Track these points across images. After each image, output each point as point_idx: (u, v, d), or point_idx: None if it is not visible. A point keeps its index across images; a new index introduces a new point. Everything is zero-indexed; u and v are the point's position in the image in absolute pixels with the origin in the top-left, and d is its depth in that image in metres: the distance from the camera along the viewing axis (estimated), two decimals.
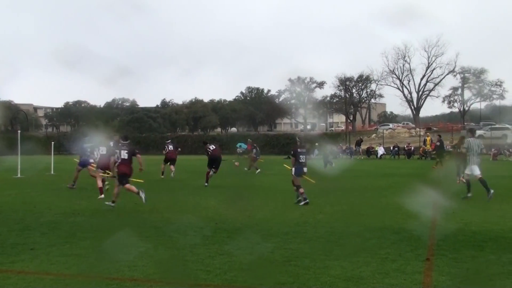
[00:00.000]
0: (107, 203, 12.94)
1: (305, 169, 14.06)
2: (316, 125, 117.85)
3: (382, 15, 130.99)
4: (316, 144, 41.94)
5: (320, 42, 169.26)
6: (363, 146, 53.68)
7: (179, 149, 27.46)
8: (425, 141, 43.93)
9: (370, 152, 51.01)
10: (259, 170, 27.12)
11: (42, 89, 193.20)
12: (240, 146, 47.49)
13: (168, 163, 24.12)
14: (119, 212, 12.19)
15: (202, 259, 7.36)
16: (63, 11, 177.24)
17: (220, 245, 8.28)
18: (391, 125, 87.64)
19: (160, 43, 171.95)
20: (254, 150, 29.66)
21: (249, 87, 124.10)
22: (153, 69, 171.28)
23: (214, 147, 20.18)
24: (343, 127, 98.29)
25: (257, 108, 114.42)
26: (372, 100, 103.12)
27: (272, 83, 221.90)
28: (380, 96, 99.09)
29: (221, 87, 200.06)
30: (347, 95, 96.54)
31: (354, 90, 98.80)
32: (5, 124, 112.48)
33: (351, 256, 7.45)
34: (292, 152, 14.33)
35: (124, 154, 13.17)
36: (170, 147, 24.48)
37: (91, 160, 17.74)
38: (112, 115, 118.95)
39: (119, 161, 13.13)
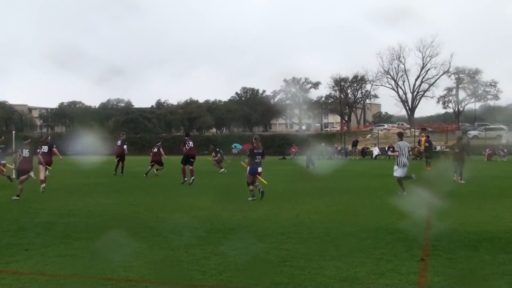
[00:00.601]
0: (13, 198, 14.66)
1: (259, 169, 14.82)
2: (311, 126, 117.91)
3: (377, 15, 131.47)
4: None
5: (315, 43, 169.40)
6: (358, 147, 53.76)
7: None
8: (419, 141, 44.03)
9: (365, 152, 51.10)
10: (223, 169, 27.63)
11: (37, 89, 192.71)
12: (235, 146, 47.53)
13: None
14: (114, 212, 12.18)
15: (197, 259, 7.36)
16: (57, 11, 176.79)
17: (215, 246, 8.28)
18: (386, 126, 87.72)
19: (155, 43, 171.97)
20: (219, 154, 29.76)
21: (244, 88, 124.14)
22: (147, 70, 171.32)
23: (192, 146, 21.08)
24: (338, 128, 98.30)
25: (252, 108, 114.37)
26: (367, 101, 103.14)
27: (267, 84, 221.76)
28: (375, 96, 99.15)
29: (216, 87, 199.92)
30: (342, 95, 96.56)
31: (349, 91, 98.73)
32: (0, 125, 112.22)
33: (346, 257, 7.46)
34: (248, 152, 15.11)
35: (26, 152, 15.55)
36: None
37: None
38: (107, 115, 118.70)
39: (21, 159, 15.41)
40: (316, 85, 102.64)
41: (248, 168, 14.78)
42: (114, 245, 8.30)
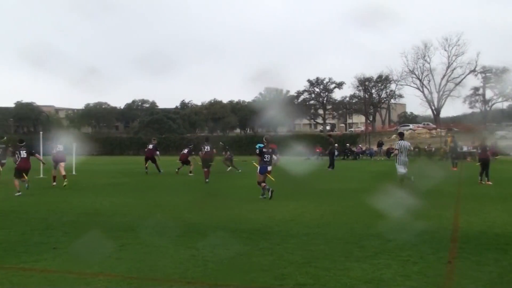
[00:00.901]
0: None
1: (269, 168, 15.29)
2: (335, 126, 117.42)
3: (398, 13, 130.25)
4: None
5: (339, 42, 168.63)
6: (384, 147, 53.38)
7: (214, 150, 25.56)
8: (446, 142, 43.57)
9: (390, 153, 50.71)
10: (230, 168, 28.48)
11: (64, 90, 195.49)
12: (259, 147, 47.49)
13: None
14: (139, 212, 12.27)
15: (222, 259, 7.38)
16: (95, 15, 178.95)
17: (240, 246, 8.28)
18: (411, 126, 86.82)
19: (179, 42, 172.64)
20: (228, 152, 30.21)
21: (267, 88, 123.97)
22: (172, 70, 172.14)
23: (208, 149, 22.55)
24: (363, 128, 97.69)
25: (275, 109, 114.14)
26: (392, 101, 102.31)
27: (291, 84, 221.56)
28: (400, 96, 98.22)
29: (240, 88, 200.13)
30: (366, 95, 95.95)
31: (373, 90, 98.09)
32: (27, 126, 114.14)
33: (371, 258, 7.41)
34: (257, 151, 15.65)
35: (24, 154, 16.83)
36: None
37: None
38: (132, 116, 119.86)
39: (19, 159, 16.74)
40: (340, 85, 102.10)
41: (259, 167, 15.31)
42: (140, 245, 8.36)
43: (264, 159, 15.31)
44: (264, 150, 15.47)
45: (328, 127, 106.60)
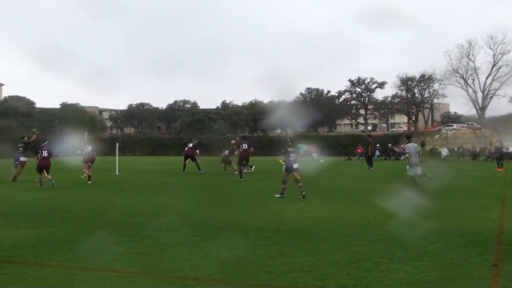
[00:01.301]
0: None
1: (295, 166, 15.37)
2: (377, 126, 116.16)
3: (444, 11, 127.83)
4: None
5: (382, 42, 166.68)
6: (426, 147, 52.53)
7: (252, 149, 25.98)
8: (491, 142, 42.61)
9: (433, 153, 49.88)
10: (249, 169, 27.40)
11: (107, 91, 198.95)
12: (300, 147, 47.69)
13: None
14: (180, 212, 12.39)
15: (263, 259, 7.39)
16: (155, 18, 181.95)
17: (281, 246, 8.28)
18: (455, 126, 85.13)
19: (219, 44, 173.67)
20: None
21: (308, 88, 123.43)
22: (214, 70, 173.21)
23: (246, 147, 23.40)
24: (405, 128, 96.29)
25: (317, 109, 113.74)
26: (435, 100, 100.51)
27: (332, 84, 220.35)
28: (443, 96, 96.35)
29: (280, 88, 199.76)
30: (408, 95, 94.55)
31: (416, 90, 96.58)
32: (72, 126, 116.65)
33: (414, 260, 7.30)
34: (283, 150, 15.93)
35: (45, 153, 19.80)
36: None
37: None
38: (173, 116, 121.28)
39: (40, 157, 19.63)
40: (382, 84, 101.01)
41: (284, 166, 15.51)
42: (182, 244, 8.44)
43: (290, 158, 15.46)
44: (289, 149, 15.69)
45: (369, 127, 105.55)
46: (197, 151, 28.46)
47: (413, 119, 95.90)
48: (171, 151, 69.77)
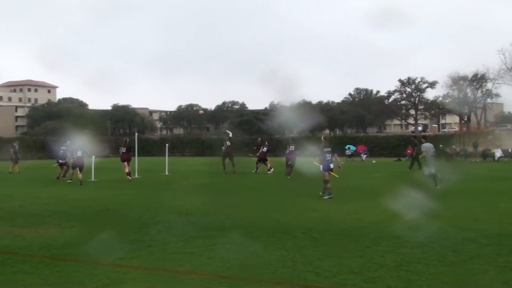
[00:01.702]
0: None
1: (331, 165, 15.56)
2: (427, 126, 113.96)
3: (500, 6, 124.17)
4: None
5: (432, 40, 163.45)
6: (479, 148, 51.20)
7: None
8: None
9: (486, 154, 48.58)
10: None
11: (157, 93, 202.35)
12: (349, 148, 47.49)
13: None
14: (228, 212, 12.46)
15: (311, 260, 7.36)
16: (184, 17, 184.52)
17: (329, 247, 8.24)
18: (508, 126, 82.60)
19: (267, 46, 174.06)
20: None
21: (357, 88, 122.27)
22: (261, 72, 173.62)
23: (292, 150, 24.27)
24: (457, 128, 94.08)
25: (366, 109, 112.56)
26: (488, 100, 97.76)
27: (382, 84, 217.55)
28: (497, 95, 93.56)
29: (329, 88, 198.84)
30: (460, 95, 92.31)
31: (468, 90, 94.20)
32: (123, 127, 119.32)
33: (466, 263, 7.14)
34: (319, 151, 15.95)
35: (80, 153, 21.22)
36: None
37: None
38: (222, 117, 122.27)
39: (76, 158, 21.17)
40: (432, 84, 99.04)
41: (321, 166, 15.55)
42: (230, 244, 8.51)
43: (326, 158, 15.56)
44: (324, 149, 15.73)
45: (420, 128, 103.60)
46: (264, 150, 28.17)
47: (465, 119, 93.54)
48: (220, 152, 70.10)
